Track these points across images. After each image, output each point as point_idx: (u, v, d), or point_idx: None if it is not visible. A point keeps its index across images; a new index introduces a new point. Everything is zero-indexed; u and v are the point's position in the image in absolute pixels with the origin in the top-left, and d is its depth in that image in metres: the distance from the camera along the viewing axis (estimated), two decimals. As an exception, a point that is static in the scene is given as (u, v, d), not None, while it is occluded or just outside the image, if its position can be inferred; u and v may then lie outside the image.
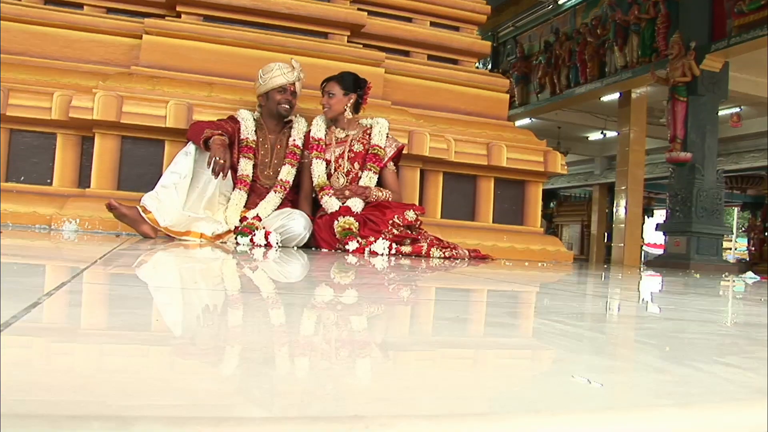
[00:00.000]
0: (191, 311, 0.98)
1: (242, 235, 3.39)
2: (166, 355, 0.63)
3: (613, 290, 2.05)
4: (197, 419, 0.38)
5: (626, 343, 0.91)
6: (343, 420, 0.39)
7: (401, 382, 0.54)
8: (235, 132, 3.72)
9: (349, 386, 0.51)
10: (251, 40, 4.46)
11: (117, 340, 0.66)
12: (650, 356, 0.75)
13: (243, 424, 0.38)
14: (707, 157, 8.93)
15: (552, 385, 0.56)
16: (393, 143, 3.93)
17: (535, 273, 2.88)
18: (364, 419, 0.38)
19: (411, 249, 3.49)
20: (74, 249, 2.35)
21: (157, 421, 0.37)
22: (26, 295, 0.92)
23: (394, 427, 0.37)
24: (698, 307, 1.50)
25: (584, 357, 0.72)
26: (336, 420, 0.39)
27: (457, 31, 5.23)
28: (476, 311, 1.26)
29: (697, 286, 2.63)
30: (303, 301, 1.19)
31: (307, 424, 0.39)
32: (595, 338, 0.92)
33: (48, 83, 4.04)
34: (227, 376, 0.54)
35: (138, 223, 3.33)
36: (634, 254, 10.67)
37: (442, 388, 0.52)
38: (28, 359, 0.55)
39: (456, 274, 2.37)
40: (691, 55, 8.70)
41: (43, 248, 2.29)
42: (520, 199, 4.94)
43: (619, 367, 0.69)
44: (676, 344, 0.88)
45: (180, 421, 0.38)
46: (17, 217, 3.80)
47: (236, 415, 0.40)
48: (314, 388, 0.49)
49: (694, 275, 3.90)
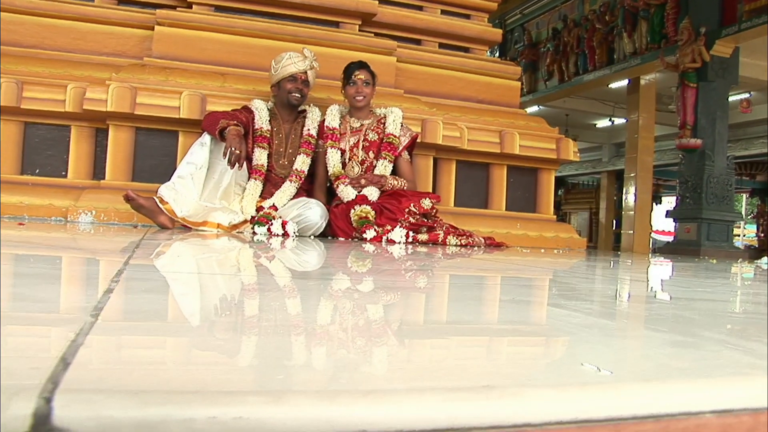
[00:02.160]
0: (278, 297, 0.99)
1: (259, 224, 3.40)
2: (292, 335, 0.64)
3: (644, 275, 2.05)
4: (346, 392, 0.41)
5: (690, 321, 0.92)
6: (478, 390, 0.41)
7: (518, 358, 0.57)
8: (249, 122, 3.73)
9: (479, 363, 0.55)
10: (263, 30, 4.46)
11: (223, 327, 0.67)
12: (716, 333, 0.75)
13: (393, 394, 0.40)
14: (717, 143, 8.89)
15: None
16: (407, 132, 3.93)
17: (557, 260, 2.89)
18: (496, 389, 0.40)
19: (427, 237, 3.50)
20: (101, 240, 2.36)
21: (305, 395, 0.39)
22: (92, 283, 0.94)
23: (523, 394, 0.38)
24: (730, 290, 1.50)
25: (665, 334, 0.73)
26: (471, 390, 0.41)
27: (468, 19, 5.21)
28: (530, 294, 1.27)
29: (719, 271, 2.63)
30: (386, 285, 1.20)
31: (443, 393, 0.41)
32: (668, 316, 0.93)
33: (61, 76, 4.05)
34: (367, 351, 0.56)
35: (155, 213, 3.34)
36: (644, 241, 10.65)
37: (545, 364, 0.53)
38: (159, 342, 0.58)
39: (486, 261, 2.37)
40: (701, 41, 8.64)
41: (68, 240, 2.30)
42: (532, 186, 4.94)
43: (693, 343, 0.69)
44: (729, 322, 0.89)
45: (329, 394, 0.40)
46: (33, 210, 3.82)
47: (384, 388, 0.42)
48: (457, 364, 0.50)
49: (710, 261, 3.89)
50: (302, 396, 0.39)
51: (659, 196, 18.91)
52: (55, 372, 0.40)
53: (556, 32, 12.29)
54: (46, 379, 0.39)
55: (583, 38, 11.38)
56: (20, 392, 0.36)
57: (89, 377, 0.42)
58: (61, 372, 0.41)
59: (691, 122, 8.88)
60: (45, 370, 0.41)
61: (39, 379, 0.39)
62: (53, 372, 0.41)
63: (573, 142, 4.93)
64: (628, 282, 1.74)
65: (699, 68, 8.77)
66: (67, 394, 0.36)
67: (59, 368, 0.41)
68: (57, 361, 0.43)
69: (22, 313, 0.66)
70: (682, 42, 8.85)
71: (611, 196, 15.70)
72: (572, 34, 11.68)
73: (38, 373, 0.40)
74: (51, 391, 0.37)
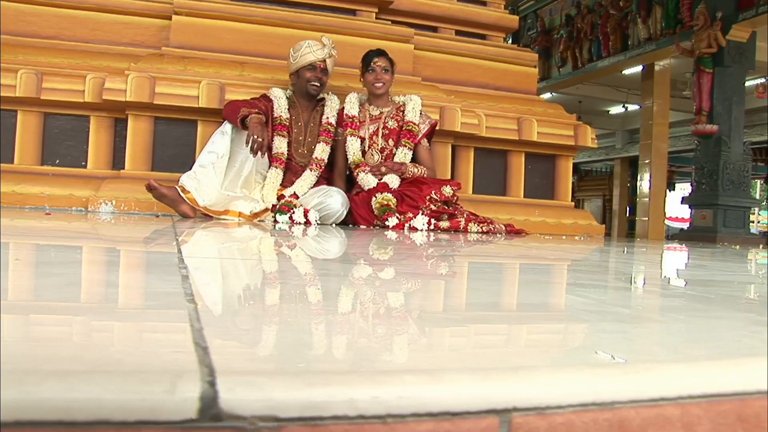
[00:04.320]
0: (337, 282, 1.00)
1: (281, 213, 3.41)
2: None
3: (680, 261, 2.05)
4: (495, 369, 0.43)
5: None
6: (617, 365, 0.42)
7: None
8: (269, 110, 3.72)
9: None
10: (280, 18, 4.45)
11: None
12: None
13: (536, 371, 0.42)
14: (733, 129, 8.81)
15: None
16: (426, 120, 3.92)
17: (580, 246, 2.88)
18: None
19: (449, 224, 3.49)
20: (134, 230, 2.37)
21: (462, 372, 0.41)
22: (167, 269, 0.97)
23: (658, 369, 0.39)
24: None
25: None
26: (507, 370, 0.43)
27: (484, 5, 5.18)
28: (565, 277, 1.28)
29: (744, 256, 2.62)
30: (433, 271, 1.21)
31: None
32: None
33: (80, 66, 4.06)
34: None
35: (177, 203, 3.35)
36: (659, 228, 10.60)
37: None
38: (285, 325, 0.60)
39: (515, 248, 2.37)
40: (717, 26, 8.56)
41: (105, 229, 2.32)
42: (550, 173, 4.93)
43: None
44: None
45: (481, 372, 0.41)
46: (54, 200, 3.84)
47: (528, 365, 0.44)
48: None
49: (733, 247, 3.88)
50: (457, 374, 0.40)
51: (672, 182, 18.81)
52: (200, 357, 0.41)
53: (569, 18, 12.19)
54: (196, 363, 0.39)
55: (597, 24, 11.28)
56: (182, 376, 0.36)
57: (236, 360, 0.43)
58: (203, 356, 0.41)
59: (707, 108, 8.80)
60: (188, 354, 0.41)
61: (187, 363, 0.39)
62: (200, 357, 0.41)
63: (591, 128, 4.90)
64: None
65: (715, 53, 8.68)
66: (227, 377, 0.37)
67: (200, 353, 0.42)
68: (193, 345, 0.43)
69: (130, 300, 0.69)
70: (697, 27, 8.77)
71: (624, 183, 15.63)
72: (586, 21, 11.58)
73: (184, 358, 0.41)
74: (210, 374, 0.37)
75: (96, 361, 0.39)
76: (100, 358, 0.40)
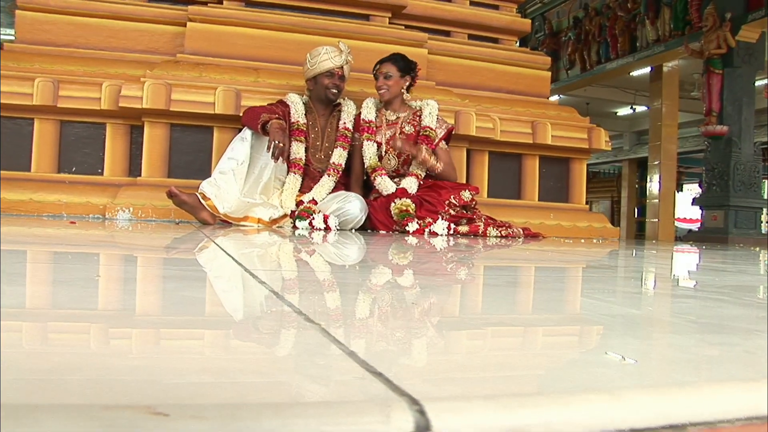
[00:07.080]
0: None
1: (300, 219, 3.41)
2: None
3: (711, 263, 2.04)
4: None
5: None
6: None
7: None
8: (285, 116, 3.73)
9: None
10: (294, 24, 4.46)
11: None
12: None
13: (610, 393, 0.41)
14: (744, 130, 8.79)
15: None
16: (443, 124, 3.92)
17: (600, 249, 2.88)
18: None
19: (468, 229, 3.49)
20: (163, 237, 2.38)
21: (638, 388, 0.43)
22: (247, 282, 0.97)
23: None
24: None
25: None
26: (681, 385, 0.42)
27: (496, 9, 5.18)
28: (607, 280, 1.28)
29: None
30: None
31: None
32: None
33: (96, 74, 4.07)
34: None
35: (197, 210, 3.36)
36: (668, 230, 10.57)
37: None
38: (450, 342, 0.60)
39: (544, 251, 2.37)
40: (726, 27, 8.54)
41: (138, 238, 2.33)
42: (564, 176, 4.92)
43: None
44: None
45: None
46: (71, 208, 3.85)
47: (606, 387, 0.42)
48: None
49: (752, 249, 3.87)
50: (633, 391, 0.41)
51: (681, 183, 18.77)
52: (386, 383, 0.40)
53: (577, 21, 12.18)
54: (389, 390, 0.39)
55: (605, 26, 11.27)
56: (390, 404, 0.36)
57: (422, 385, 0.42)
58: (387, 382, 0.40)
59: (717, 109, 8.79)
60: (370, 381, 0.41)
61: (379, 391, 0.39)
62: (385, 383, 0.40)
63: (604, 131, 4.90)
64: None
65: (724, 54, 8.67)
66: (432, 404, 0.36)
67: (382, 379, 0.41)
68: (362, 370, 0.43)
69: (251, 320, 0.69)
70: (706, 28, 8.75)
71: (633, 185, 15.60)
72: (594, 23, 11.57)
73: (371, 385, 0.40)
74: (414, 402, 0.36)
75: (283, 393, 0.39)
76: (284, 391, 0.40)
